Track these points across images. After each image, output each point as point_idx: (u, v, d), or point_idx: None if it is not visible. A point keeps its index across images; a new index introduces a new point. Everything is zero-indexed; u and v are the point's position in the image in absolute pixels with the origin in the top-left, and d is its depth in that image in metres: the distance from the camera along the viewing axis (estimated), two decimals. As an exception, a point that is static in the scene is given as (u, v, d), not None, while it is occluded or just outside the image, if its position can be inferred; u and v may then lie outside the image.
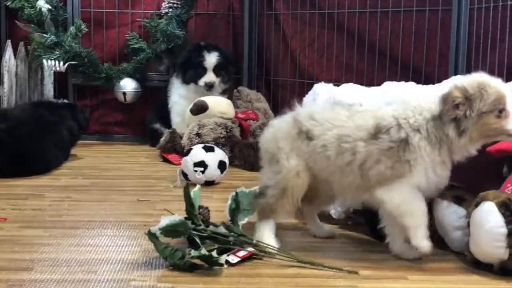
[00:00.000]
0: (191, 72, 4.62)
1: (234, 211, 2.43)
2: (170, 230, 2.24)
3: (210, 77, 4.58)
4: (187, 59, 4.66)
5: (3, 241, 2.48)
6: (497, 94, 2.15)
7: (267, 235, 2.38)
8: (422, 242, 2.24)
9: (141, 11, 5.19)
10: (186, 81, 4.65)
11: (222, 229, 2.33)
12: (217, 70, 4.61)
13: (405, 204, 2.24)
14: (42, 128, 3.90)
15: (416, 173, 2.20)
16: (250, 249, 2.30)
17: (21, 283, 2.04)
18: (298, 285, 2.08)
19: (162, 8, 5.06)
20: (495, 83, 2.18)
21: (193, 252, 2.16)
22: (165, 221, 2.24)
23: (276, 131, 2.46)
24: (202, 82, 4.57)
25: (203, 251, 2.16)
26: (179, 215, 2.29)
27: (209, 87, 4.56)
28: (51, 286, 2.02)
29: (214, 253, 2.16)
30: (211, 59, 4.59)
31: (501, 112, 2.15)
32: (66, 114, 4.21)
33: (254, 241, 2.34)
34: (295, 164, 2.36)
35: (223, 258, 2.18)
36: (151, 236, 2.21)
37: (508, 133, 2.17)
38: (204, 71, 4.59)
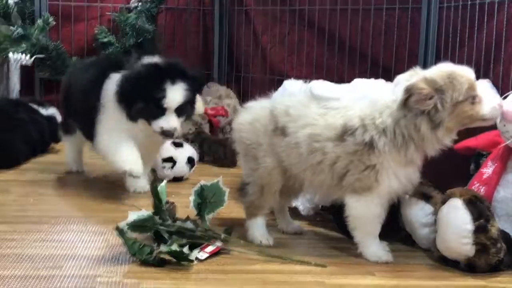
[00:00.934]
0: (141, 107, 2.94)
1: (201, 206, 2.42)
2: (138, 225, 2.23)
3: (170, 121, 2.94)
4: (138, 88, 2.92)
5: (-36, 236, 2.46)
6: (468, 82, 2.17)
7: (258, 233, 2.40)
8: (373, 256, 2.27)
9: (110, 4, 5.17)
10: (131, 117, 3.00)
11: (189, 224, 2.32)
12: (180, 109, 2.98)
13: (363, 220, 2.27)
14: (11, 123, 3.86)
15: (382, 181, 2.20)
16: (218, 243, 2.30)
17: (-17, 279, 2.01)
18: (265, 281, 2.07)
19: (131, 2, 5.06)
20: (463, 72, 2.20)
21: (164, 248, 2.16)
22: (132, 216, 2.23)
23: (255, 121, 2.44)
24: (157, 126, 2.95)
25: (174, 247, 2.15)
26: (146, 210, 2.27)
27: (167, 135, 3.01)
28: (14, 283, 1.99)
29: (185, 249, 2.16)
30: (175, 96, 2.93)
31: (474, 98, 2.16)
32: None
33: (222, 236, 2.33)
34: (272, 161, 2.37)
35: (193, 255, 2.18)
36: (119, 231, 2.20)
37: (483, 118, 2.19)
38: (162, 111, 2.94)
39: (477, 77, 2.50)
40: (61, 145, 4.12)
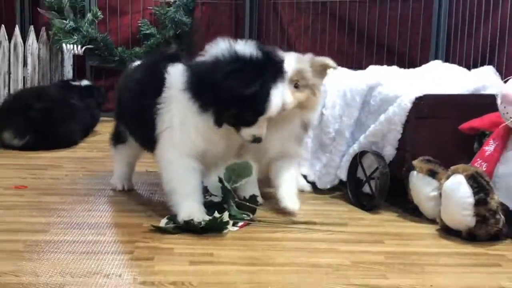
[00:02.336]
0: (234, 112, 2.14)
1: (231, 177, 2.35)
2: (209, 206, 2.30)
3: (263, 127, 2.20)
4: (230, 91, 2.08)
5: (22, 206, 2.50)
6: None
7: None
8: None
9: (152, -1, 5.18)
10: (215, 123, 2.18)
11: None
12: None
13: None
14: (69, 110, 3.91)
15: None
16: (247, 217, 2.33)
17: (37, 243, 2.05)
18: (284, 247, 2.09)
19: (171, -4, 5.06)
20: None
21: (226, 214, 2.20)
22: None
23: None
24: (249, 135, 2.19)
25: (234, 212, 2.26)
26: None
27: (256, 142, 2.22)
28: (64, 246, 2.04)
29: (225, 217, 2.20)
30: (278, 101, 2.16)
31: None
32: (86, 94, 4.22)
33: (251, 217, 2.34)
34: None
35: (230, 225, 2.21)
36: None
37: None
38: (255, 118, 2.17)
39: (483, 64, 2.48)
40: (107, 127, 4.16)
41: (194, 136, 2.21)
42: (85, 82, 4.36)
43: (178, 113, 2.22)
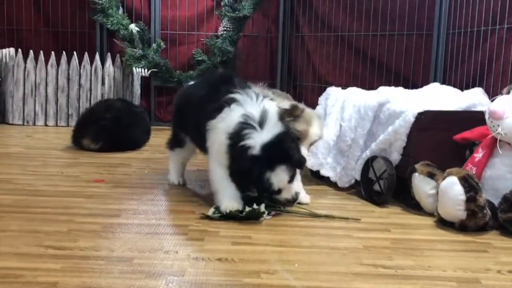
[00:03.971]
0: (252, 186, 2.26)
1: None
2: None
3: (289, 192, 2.25)
4: (244, 174, 2.21)
5: (100, 195, 2.54)
6: None
7: None
8: None
9: (204, 33, 5.22)
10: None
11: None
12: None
13: None
14: (132, 117, 3.93)
15: None
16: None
17: (112, 225, 2.09)
18: (308, 233, 2.09)
19: (219, 31, 5.09)
20: None
21: (262, 206, 2.20)
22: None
23: None
24: (282, 198, 2.27)
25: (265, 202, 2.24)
26: None
27: (289, 202, 2.29)
28: (133, 228, 2.07)
29: (262, 208, 2.21)
30: (280, 180, 2.20)
31: None
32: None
33: (281, 208, 2.32)
34: None
35: (265, 215, 2.21)
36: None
37: None
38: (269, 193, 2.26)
39: (473, 86, 2.44)
40: (162, 133, 4.18)
41: (224, 162, 2.25)
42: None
43: (217, 146, 2.26)
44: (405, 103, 2.57)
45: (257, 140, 2.15)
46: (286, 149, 2.18)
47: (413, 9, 4.28)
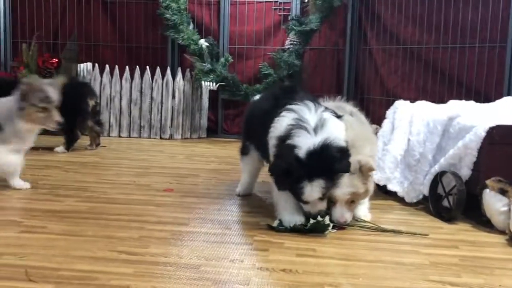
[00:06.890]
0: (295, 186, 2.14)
1: None
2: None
3: (315, 207, 2.20)
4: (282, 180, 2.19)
5: (170, 205, 2.62)
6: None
7: None
8: None
9: (270, 47, 5.29)
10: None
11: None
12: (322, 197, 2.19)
13: None
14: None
15: None
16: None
17: (180, 233, 2.16)
18: (374, 247, 2.07)
19: (285, 44, 5.13)
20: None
21: (327, 218, 2.19)
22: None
23: None
24: (307, 209, 2.22)
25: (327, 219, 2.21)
26: None
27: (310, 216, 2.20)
28: (200, 236, 2.13)
29: (327, 220, 2.20)
30: (312, 193, 2.13)
31: None
32: None
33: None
34: None
35: (330, 227, 2.21)
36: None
37: None
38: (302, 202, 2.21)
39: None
40: (229, 145, 4.22)
41: None
42: None
43: (272, 153, 2.27)
44: (476, 117, 2.50)
45: (306, 142, 2.10)
46: (330, 159, 2.09)
47: (485, 20, 4.15)
